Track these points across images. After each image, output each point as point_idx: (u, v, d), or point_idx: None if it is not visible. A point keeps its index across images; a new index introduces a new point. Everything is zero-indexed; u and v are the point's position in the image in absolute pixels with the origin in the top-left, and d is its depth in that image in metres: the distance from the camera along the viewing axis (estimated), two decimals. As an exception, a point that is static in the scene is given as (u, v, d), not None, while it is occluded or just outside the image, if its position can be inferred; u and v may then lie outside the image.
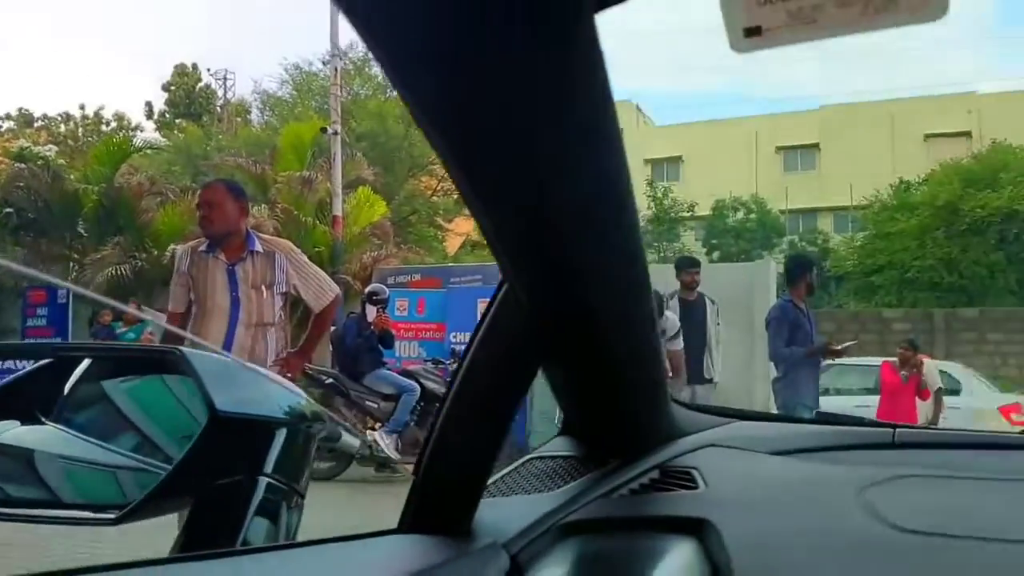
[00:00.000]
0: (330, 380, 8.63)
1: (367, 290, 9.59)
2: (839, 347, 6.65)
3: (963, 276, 21.47)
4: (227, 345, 3.99)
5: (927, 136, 32.20)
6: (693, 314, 7.04)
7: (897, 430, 1.21)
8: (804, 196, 32.13)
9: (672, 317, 6.40)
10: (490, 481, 1.13)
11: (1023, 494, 0.95)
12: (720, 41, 0.63)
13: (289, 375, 4.34)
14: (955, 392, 10.01)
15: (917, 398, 8.09)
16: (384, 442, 8.33)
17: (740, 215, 30.09)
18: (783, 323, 6.29)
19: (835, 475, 1.03)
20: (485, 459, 0.93)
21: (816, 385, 6.38)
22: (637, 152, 35.85)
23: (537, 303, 0.86)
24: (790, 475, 1.06)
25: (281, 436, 0.93)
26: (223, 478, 0.87)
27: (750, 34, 0.64)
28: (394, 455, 8.24)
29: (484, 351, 0.91)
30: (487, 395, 0.91)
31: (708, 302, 7.17)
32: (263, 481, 0.89)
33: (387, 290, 9.57)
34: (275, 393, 0.97)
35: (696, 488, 1.02)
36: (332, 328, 9.89)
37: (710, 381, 7.08)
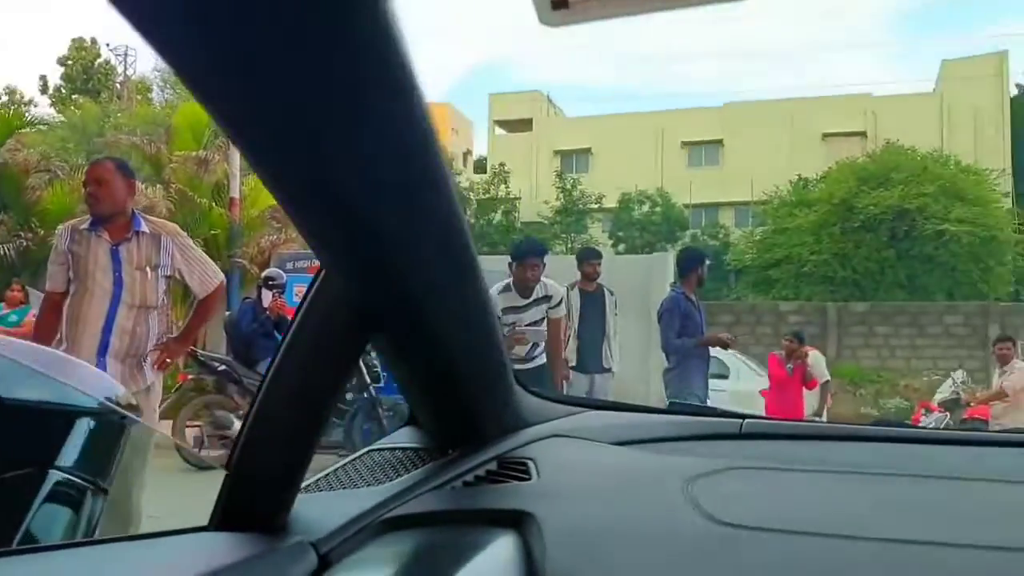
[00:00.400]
0: (223, 367, 8.39)
1: (264, 274, 9.36)
2: (728, 338, 6.81)
3: (856, 271, 22.29)
4: (108, 326, 3.88)
5: (825, 135, 33.26)
6: (593, 305, 7.14)
7: (745, 420, 1.21)
8: (707, 191, 32.84)
9: (554, 285, 6.42)
10: (324, 473, 1.08)
11: (853, 487, 0.96)
12: (630, 34, 0.60)
13: (169, 360, 4.23)
14: (723, 376, 10.51)
15: (804, 388, 8.32)
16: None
17: (646, 208, 30.58)
18: (675, 314, 6.43)
19: (667, 466, 1.02)
20: (300, 452, 0.88)
21: (705, 375, 6.54)
22: (547, 143, 36.11)
23: (354, 291, 0.83)
24: (624, 465, 1.05)
25: (79, 429, 0.86)
26: (6, 472, 0.80)
27: (557, 7, 0.62)
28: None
29: (299, 342, 0.87)
30: (302, 387, 0.87)
31: (607, 293, 7.27)
32: (53, 475, 0.83)
33: (284, 275, 9.35)
34: (75, 385, 0.90)
35: (528, 479, 1.00)
36: (227, 313, 9.64)
37: (608, 370, 7.18)
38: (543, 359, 6.30)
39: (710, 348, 6.71)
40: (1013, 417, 8.19)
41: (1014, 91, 32.73)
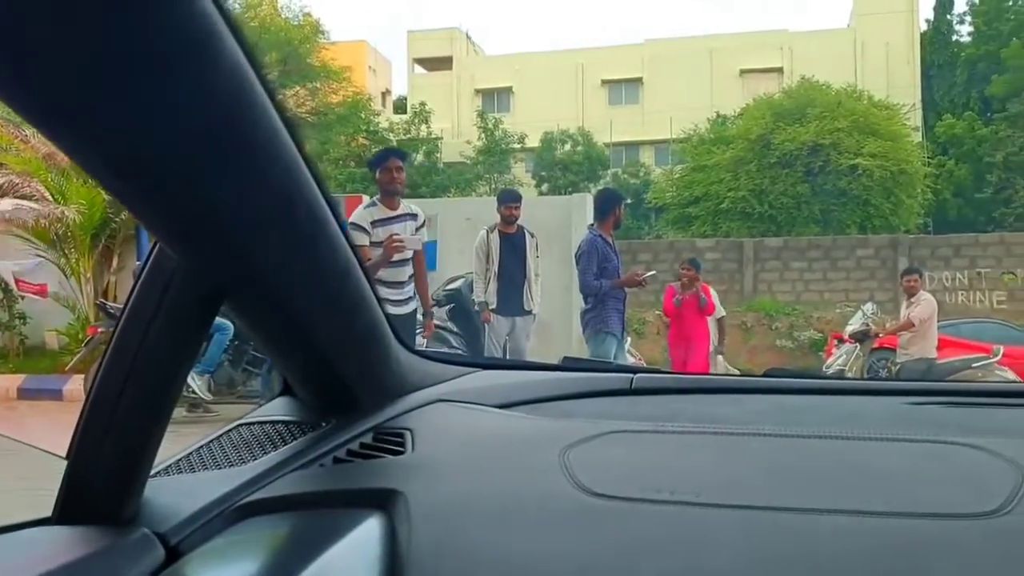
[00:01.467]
0: (133, 320, 8.18)
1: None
2: (643, 277, 6.84)
3: (772, 207, 22.69)
4: None
5: (742, 72, 33.59)
6: (513, 247, 7.15)
7: (636, 376, 1.20)
8: (628, 129, 32.99)
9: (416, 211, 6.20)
10: (185, 453, 1.02)
11: (734, 448, 0.94)
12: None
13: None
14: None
15: (708, 318, 8.29)
16: (195, 383, 8.07)
17: (568, 147, 30.58)
18: (592, 256, 6.48)
19: (547, 432, 0.99)
20: (146, 435, 0.82)
21: (622, 315, 6.62)
22: (467, 82, 35.67)
23: (193, 260, 0.77)
24: (503, 432, 1.02)
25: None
26: None
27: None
28: (205, 395, 8.04)
29: (137, 317, 0.80)
30: (144, 365, 0.80)
31: (528, 235, 7.28)
32: None
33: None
34: None
35: (403, 453, 0.96)
36: (137, 264, 9.38)
37: (530, 312, 7.22)
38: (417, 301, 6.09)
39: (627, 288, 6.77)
40: (920, 346, 8.51)
41: (924, 26, 33.46)
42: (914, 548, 0.74)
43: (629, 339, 8.60)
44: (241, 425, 1.07)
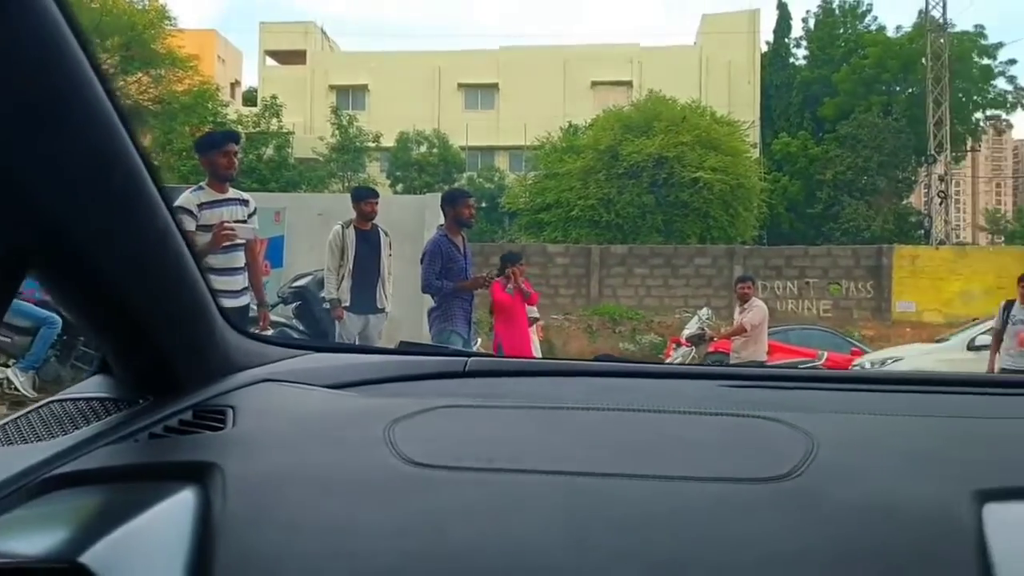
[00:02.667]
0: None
1: None
2: (486, 277, 6.94)
3: (619, 215, 23.37)
4: None
5: (594, 83, 34.41)
6: (368, 244, 7.06)
7: (470, 359, 1.21)
8: (483, 134, 33.17)
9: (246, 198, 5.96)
10: None
11: (558, 422, 0.97)
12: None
13: None
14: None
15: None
16: (18, 380, 7.55)
17: (423, 149, 30.49)
18: (435, 256, 6.48)
19: (373, 408, 1.00)
20: None
21: (468, 316, 6.64)
22: (322, 77, 35.00)
23: None
24: (329, 410, 1.01)
25: None
26: None
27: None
28: (30, 393, 7.51)
29: None
30: None
31: (382, 233, 7.20)
32: None
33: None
34: None
35: (223, 429, 0.94)
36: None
37: (382, 311, 7.15)
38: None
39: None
40: (751, 350, 8.93)
41: (764, 48, 35.26)
42: (711, 509, 0.79)
43: (479, 340, 8.64)
44: (52, 402, 1.02)
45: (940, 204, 26.34)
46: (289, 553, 0.75)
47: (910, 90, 31.52)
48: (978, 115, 33.53)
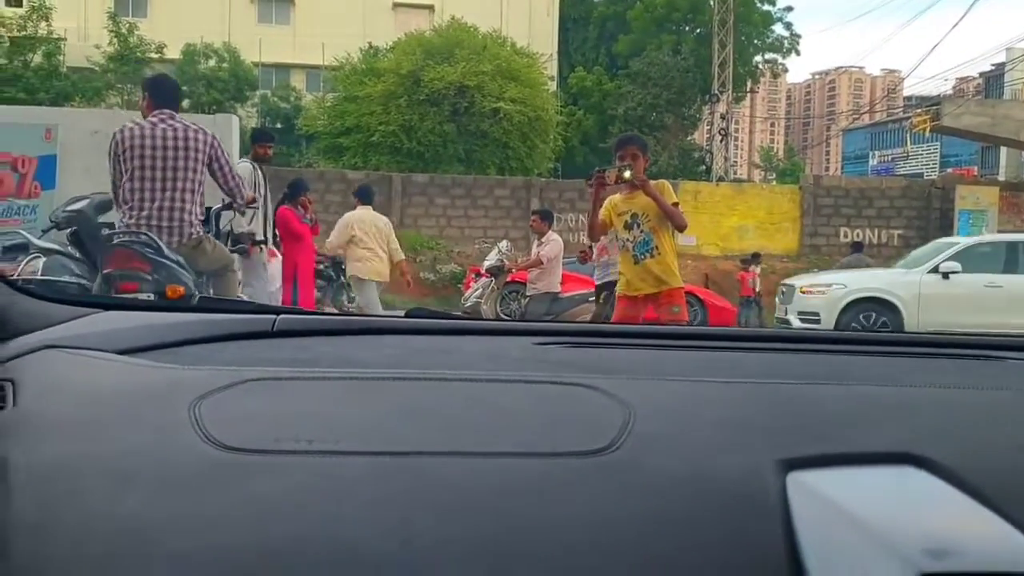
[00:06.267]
0: None
1: None
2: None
3: (421, 143, 23.18)
4: None
5: (395, 4, 33.65)
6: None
7: (279, 317, 1.14)
8: (278, 50, 31.76)
9: None
10: None
11: (374, 393, 0.94)
12: None
13: None
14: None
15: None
16: None
17: (212, 63, 28.81)
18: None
19: (176, 381, 0.90)
20: None
21: None
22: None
23: None
24: (125, 382, 0.91)
25: None
26: None
27: None
28: None
29: None
30: None
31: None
32: None
33: None
34: None
35: (3, 408, 0.84)
36: None
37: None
38: None
39: None
40: (546, 281, 9.24)
41: (563, -19, 35.66)
42: (533, 486, 0.79)
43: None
44: None
45: (721, 142, 27.94)
46: (83, 557, 0.68)
47: (698, 31, 33.02)
48: (758, 58, 35.70)
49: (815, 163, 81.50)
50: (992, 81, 39.86)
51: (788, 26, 35.87)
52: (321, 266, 10.73)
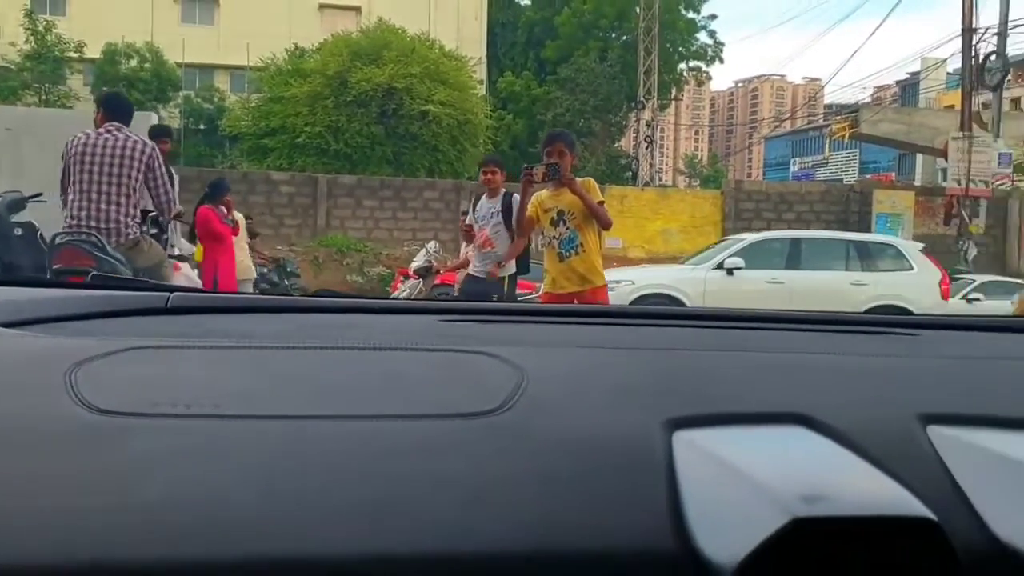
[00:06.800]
0: None
1: None
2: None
3: (348, 145, 22.97)
4: None
5: (322, 5, 33.33)
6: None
7: (173, 294, 1.11)
8: (202, 51, 31.17)
9: None
10: None
11: (262, 359, 0.92)
12: None
13: None
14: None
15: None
16: None
17: (134, 63, 28.14)
18: None
19: (54, 349, 0.88)
20: None
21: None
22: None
23: None
24: (3, 351, 0.89)
25: None
26: None
27: None
28: None
29: None
30: None
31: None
32: None
33: None
34: None
35: None
36: None
37: None
38: None
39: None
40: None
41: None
42: (416, 448, 0.78)
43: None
44: None
45: (646, 148, 28.36)
46: None
47: (624, 38, 33.45)
48: (682, 66, 36.32)
49: (738, 169, 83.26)
50: (908, 89, 41.31)
51: (712, 34, 36.62)
52: (264, 270, 10.58)
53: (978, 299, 12.99)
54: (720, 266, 11.21)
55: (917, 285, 11.09)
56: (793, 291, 10.78)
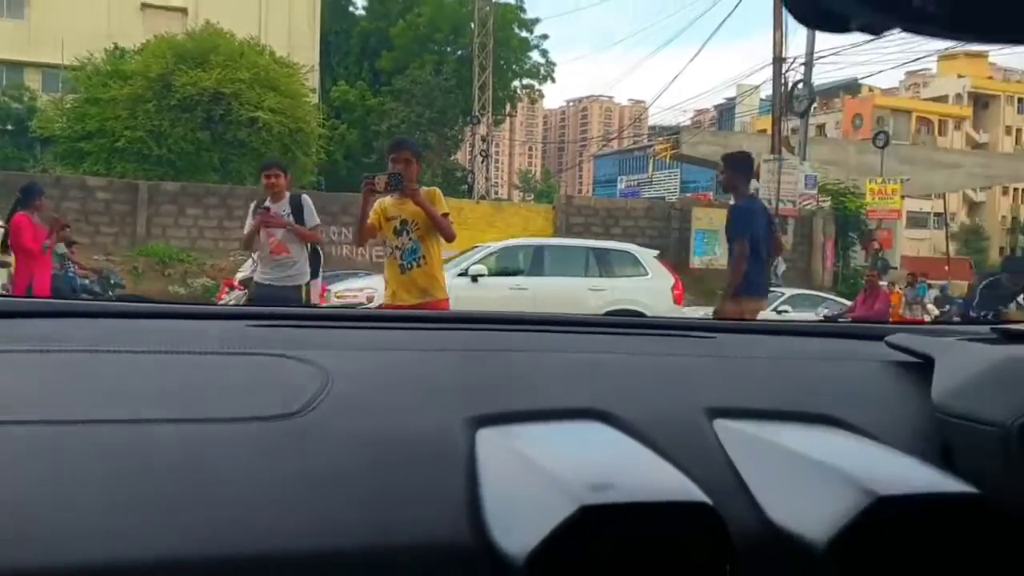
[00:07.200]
0: None
1: None
2: None
3: (171, 151, 22.02)
4: None
5: (144, 5, 31.92)
6: None
7: None
8: (10, 46, 29.20)
9: None
10: None
11: (65, 365, 0.91)
12: None
13: None
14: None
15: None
16: None
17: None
18: None
19: None
20: None
21: None
22: None
23: None
24: None
25: None
26: None
27: None
28: None
29: None
30: None
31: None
32: None
33: None
34: None
35: None
36: None
37: None
38: None
39: None
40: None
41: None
42: (218, 451, 0.79)
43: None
44: None
45: (482, 163, 28.74)
46: None
47: (460, 52, 33.76)
48: (516, 83, 37.01)
49: (569, 185, 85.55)
50: (725, 114, 43.74)
51: (544, 53, 37.46)
52: (86, 281, 10.02)
53: (787, 311, 13.85)
54: (464, 273, 11.25)
55: (651, 289, 11.61)
56: (536, 297, 11.01)
